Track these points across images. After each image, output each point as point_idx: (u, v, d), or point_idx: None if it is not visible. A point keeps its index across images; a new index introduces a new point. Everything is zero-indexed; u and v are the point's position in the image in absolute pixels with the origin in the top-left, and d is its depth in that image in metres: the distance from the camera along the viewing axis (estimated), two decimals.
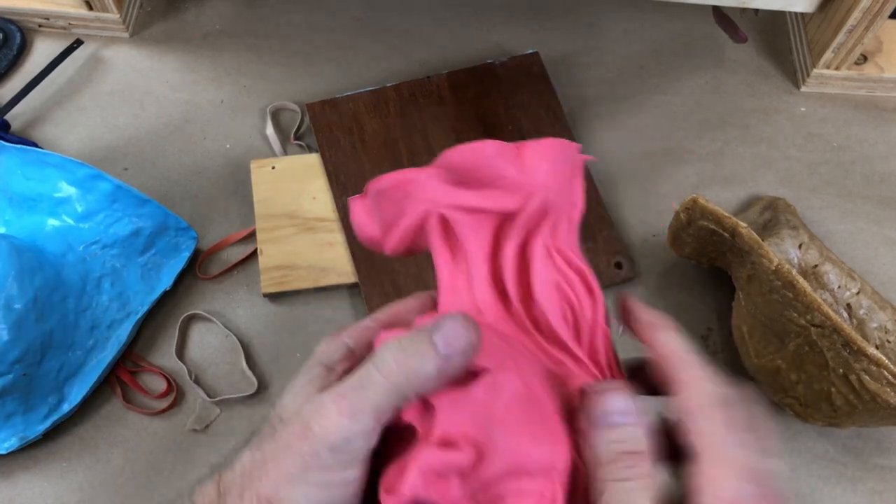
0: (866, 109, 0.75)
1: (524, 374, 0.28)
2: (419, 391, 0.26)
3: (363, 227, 0.33)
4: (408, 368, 0.26)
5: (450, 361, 0.26)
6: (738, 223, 0.54)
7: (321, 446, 0.26)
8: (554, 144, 0.31)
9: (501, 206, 0.30)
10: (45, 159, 0.58)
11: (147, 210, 0.60)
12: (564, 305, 0.31)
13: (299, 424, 0.26)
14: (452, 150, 0.30)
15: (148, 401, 0.60)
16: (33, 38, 0.75)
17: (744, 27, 0.79)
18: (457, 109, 0.70)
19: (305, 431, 0.26)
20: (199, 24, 0.77)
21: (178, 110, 0.72)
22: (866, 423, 0.54)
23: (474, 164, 0.30)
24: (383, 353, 0.26)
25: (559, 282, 0.31)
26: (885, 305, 0.62)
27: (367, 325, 0.31)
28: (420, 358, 0.26)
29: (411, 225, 0.31)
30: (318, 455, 0.26)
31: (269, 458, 0.27)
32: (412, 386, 0.26)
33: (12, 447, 0.56)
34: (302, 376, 0.30)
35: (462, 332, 0.26)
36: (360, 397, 0.26)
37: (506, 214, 0.31)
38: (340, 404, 0.26)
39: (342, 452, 0.26)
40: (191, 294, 0.64)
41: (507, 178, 0.30)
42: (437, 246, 0.31)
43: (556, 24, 0.78)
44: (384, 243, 0.33)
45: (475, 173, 0.30)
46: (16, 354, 0.53)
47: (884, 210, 0.70)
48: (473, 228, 0.31)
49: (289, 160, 0.68)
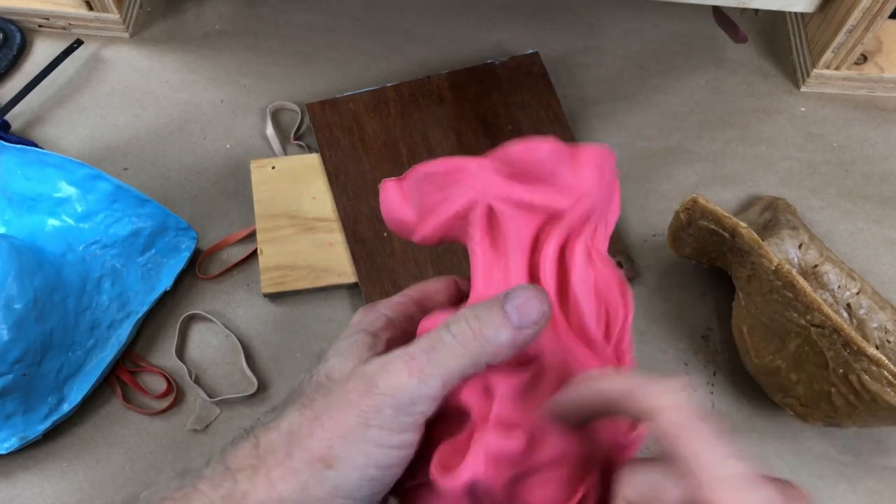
0: (866, 109, 0.75)
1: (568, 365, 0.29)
2: (490, 360, 0.27)
3: (395, 210, 0.33)
4: (482, 336, 0.26)
5: (522, 332, 0.26)
6: (738, 223, 0.54)
7: (385, 404, 0.25)
8: (600, 152, 0.32)
9: (551, 205, 0.31)
10: (45, 159, 0.58)
11: (147, 210, 0.60)
12: (601, 307, 0.31)
13: (362, 381, 0.26)
14: (512, 144, 0.30)
15: (148, 401, 0.60)
16: (33, 38, 0.75)
17: (744, 27, 0.79)
18: (457, 109, 0.70)
19: (370, 388, 0.26)
20: (199, 24, 0.77)
21: (178, 110, 0.72)
22: (866, 423, 0.54)
23: (532, 161, 0.30)
24: (458, 320, 0.27)
25: (598, 283, 0.31)
26: (885, 305, 0.62)
27: (400, 300, 0.32)
28: (494, 327, 0.26)
29: (455, 212, 0.31)
30: (380, 412, 0.25)
31: (324, 414, 0.26)
32: (485, 354, 0.26)
33: (12, 447, 0.56)
34: (345, 341, 0.30)
35: (535, 302, 0.27)
36: (431, 360, 0.26)
37: (552, 213, 0.31)
38: (410, 364, 0.26)
39: (405, 413, 0.26)
40: (191, 294, 0.64)
41: (561, 179, 0.30)
42: (480, 236, 0.31)
43: (556, 24, 0.78)
44: (416, 229, 0.32)
45: (531, 169, 0.30)
46: (16, 354, 0.53)
47: (884, 210, 0.70)
48: (519, 223, 0.31)
49: (289, 160, 0.68)
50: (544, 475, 0.28)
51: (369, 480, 0.26)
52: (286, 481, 0.26)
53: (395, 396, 0.26)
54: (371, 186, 0.67)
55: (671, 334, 0.63)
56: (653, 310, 0.64)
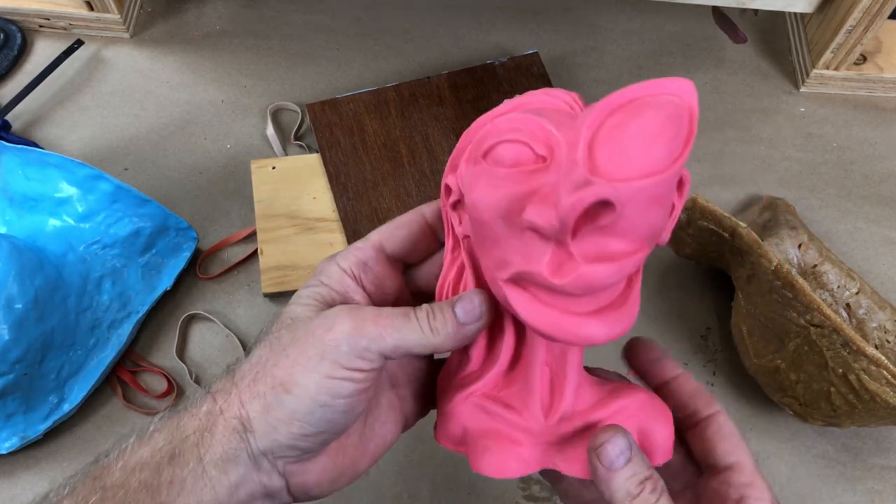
0: (866, 109, 0.75)
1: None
2: (438, 345, 0.32)
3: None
4: (434, 326, 0.32)
5: (464, 327, 0.32)
6: (737, 223, 0.54)
7: (345, 342, 0.30)
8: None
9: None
10: (46, 159, 0.58)
11: (147, 210, 0.60)
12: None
13: (330, 320, 0.31)
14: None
15: (148, 400, 0.60)
16: (34, 39, 0.75)
17: (743, 27, 0.79)
18: (457, 110, 0.70)
19: (333, 325, 0.31)
20: (199, 24, 0.77)
21: (179, 110, 0.72)
22: (866, 423, 0.54)
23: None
24: (422, 309, 0.32)
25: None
26: (884, 305, 0.62)
27: (358, 247, 0.35)
28: (443, 321, 0.32)
29: None
30: (338, 347, 0.30)
31: (290, 346, 0.31)
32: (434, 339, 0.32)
33: (13, 447, 0.56)
34: (305, 290, 0.34)
35: (477, 306, 0.32)
36: (393, 325, 0.31)
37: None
38: (377, 320, 0.31)
39: (357, 355, 0.30)
40: (191, 294, 0.64)
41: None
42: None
43: (556, 24, 0.78)
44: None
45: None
46: (17, 354, 0.53)
47: (884, 210, 0.70)
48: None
49: (289, 160, 0.68)
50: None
51: (321, 406, 0.30)
52: (253, 402, 0.30)
53: (355, 339, 0.30)
54: (371, 186, 0.67)
55: (671, 334, 0.64)
56: (652, 310, 0.64)
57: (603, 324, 0.29)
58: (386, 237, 0.35)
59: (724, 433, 0.33)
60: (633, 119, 0.26)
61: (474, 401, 0.33)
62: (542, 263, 0.28)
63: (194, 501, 0.30)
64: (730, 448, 0.33)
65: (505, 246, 0.29)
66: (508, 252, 0.29)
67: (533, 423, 0.32)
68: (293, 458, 0.32)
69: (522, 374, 0.33)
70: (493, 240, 0.30)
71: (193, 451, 0.30)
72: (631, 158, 0.26)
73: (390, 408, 0.36)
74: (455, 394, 0.34)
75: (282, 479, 0.32)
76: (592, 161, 0.26)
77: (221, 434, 0.30)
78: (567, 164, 0.27)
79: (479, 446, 0.33)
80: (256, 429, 0.30)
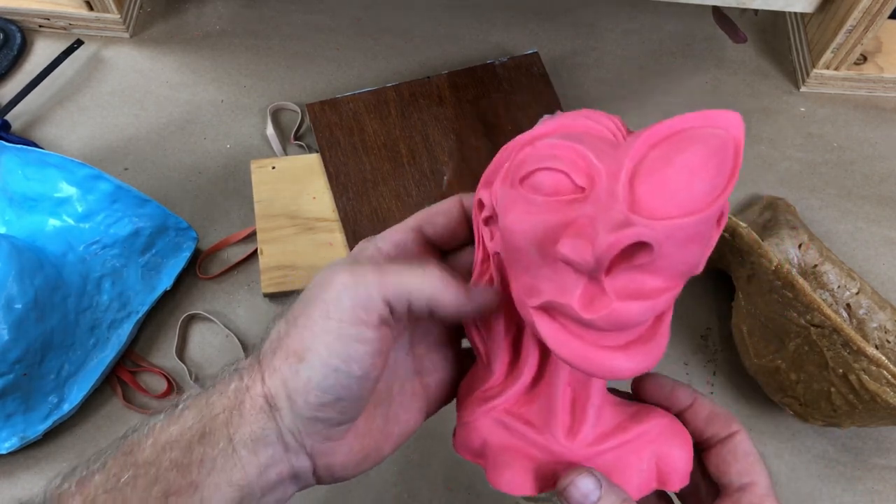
0: (866, 109, 0.75)
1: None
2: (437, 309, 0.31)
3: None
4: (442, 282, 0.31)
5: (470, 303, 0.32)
6: (737, 223, 0.54)
7: (345, 294, 0.29)
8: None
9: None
10: (46, 159, 0.58)
11: (147, 210, 0.60)
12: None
13: (325, 277, 0.30)
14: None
15: (148, 401, 0.60)
16: (34, 39, 0.75)
17: (743, 27, 0.79)
18: (457, 109, 0.70)
19: (331, 280, 0.30)
20: (199, 24, 0.77)
21: (179, 110, 0.72)
22: (866, 423, 0.54)
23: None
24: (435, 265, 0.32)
25: None
26: (884, 305, 0.62)
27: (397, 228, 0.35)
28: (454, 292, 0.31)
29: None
30: (339, 301, 0.29)
31: (299, 315, 0.30)
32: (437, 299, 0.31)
33: (13, 447, 0.56)
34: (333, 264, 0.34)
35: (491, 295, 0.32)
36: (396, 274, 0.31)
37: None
38: (377, 270, 0.30)
39: (361, 308, 0.29)
40: (191, 294, 0.64)
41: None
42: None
43: (556, 24, 0.78)
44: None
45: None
46: (16, 354, 0.53)
47: (884, 210, 0.70)
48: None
49: (289, 160, 0.68)
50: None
51: (334, 371, 0.29)
52: (273, 378, 0.30)
53: (353, 289, 0.29)
54: (371, 186, 0.67)
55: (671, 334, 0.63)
56: None
57: (629, 358, 0.28)
58: (425, 222, 0.35)
59: (739, 453, 0.33)
60: (677, 153, 0.26)
61: (495, 415, 0.33)
62: (573, 297, 0.28)
63: (224, 481, 0.30)
64: (744, 468, 0.33)
65: (536, 273, 0.29)
66: (539, 280, 0.29)
67: (553, 443, 0.32)
68: (319, 436, 0.31)
69: (545, 393, 0.33)
70: (525, 266, 0.29)
71: (223, 431, 0.30)
72: (673, 196, 0.25)
73: (414, 395, 0.36)
74: (476, 406, 0.34)
75: (308, 461, 0.32)
76: (633, 196, 0.26)
77: (249, 413, 0.30)
78: (606, 197, 0.26)
79: (498, 461, 0.33)
80: (279, 405, 0.30)
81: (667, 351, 0.32)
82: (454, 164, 0.68)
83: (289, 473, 0.31)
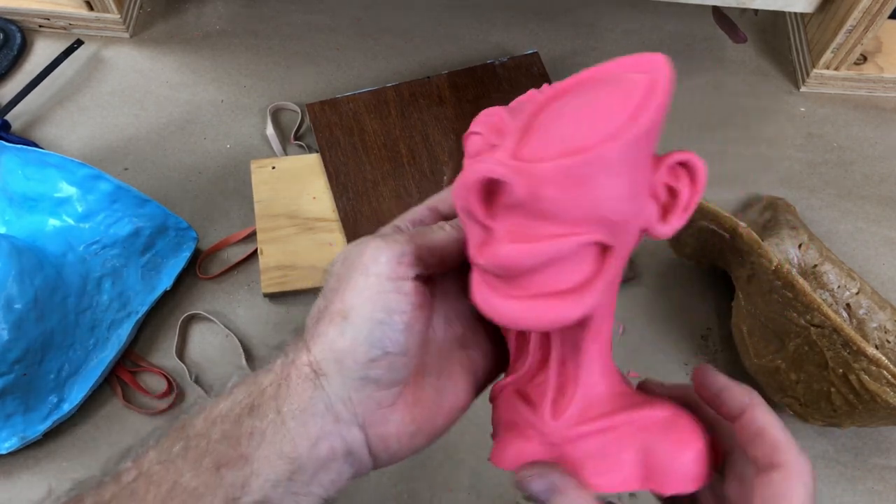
0: (866, 109, 0.75)
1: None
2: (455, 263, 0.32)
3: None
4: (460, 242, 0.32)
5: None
6: (738, 223, 0.54)
7: (381, 251, 0.31)
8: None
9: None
10: (46, 159, 0.58)
11: (147, 210, 0.60)
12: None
13: (359, 246, 0.32)
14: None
15: (148, 401, 0.60)
16: (34, 39, 0.75)
17: (743, 27, 0.79)
18: (457, 109, 0.70)
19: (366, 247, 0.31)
20: (199, 24, 0.77)
21: (179, 110, 0.72)
22: (866, 423, 0.54)
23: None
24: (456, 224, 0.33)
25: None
26: (884, 305, 0.62)
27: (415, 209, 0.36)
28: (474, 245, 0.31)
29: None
30: (377, 260, 0.31)
31: (337, 284, 0.32)
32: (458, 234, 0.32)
33: (13, 447, 0.56)
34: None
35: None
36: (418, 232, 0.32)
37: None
38: (403, 233, 0.32)
39: (397, 262, 0.31)
40: (191, 294, 0.64)
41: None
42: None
43: (556, 24, 0.78)
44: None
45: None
46: (16, 354, 0.53)
47: (884, 210, 0.70)
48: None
49: (289, 160, 0.68)
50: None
51: (379, 324, 0.30)
52: (317, 344, 0.31)
53: (387, 247, 0.31)
54: (371, 186, 0.67)
55: (671, 334, 0.63)
56: (653, 310, 0.64)
57: (525, 307, 0.28)
58: (439, 200, 0.36)
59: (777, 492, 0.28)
60: (575, 99, 0.26)
61: (507, 392, 0.34)
62: (472, 244, 0.29)
63: (274, 453, 0.30)
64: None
65: (468, 230, 0.30)
66: (469, 235, 0.30)
67: (540, 422, 0.32)
68: (371, 402, 0.31)
69: (544, 371, 0.33)
70: (464, 223, 0.31)
71: (271, 404, 0.31)
72: (558, 141, 0.26)
73: (461, 367, 0.36)
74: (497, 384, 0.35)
75: (360, 432, 0.31)
76: (521, 145, 0.27)
77: (296, 384, 0.31)
78: (501, 150, 0.28)
79: (499, 437, 0.34)
80: (326, 370, 0.31)
81: (667, 350, 0.31)
82: (454, 164, 0.68)
83: (342, 449, 0.31)
